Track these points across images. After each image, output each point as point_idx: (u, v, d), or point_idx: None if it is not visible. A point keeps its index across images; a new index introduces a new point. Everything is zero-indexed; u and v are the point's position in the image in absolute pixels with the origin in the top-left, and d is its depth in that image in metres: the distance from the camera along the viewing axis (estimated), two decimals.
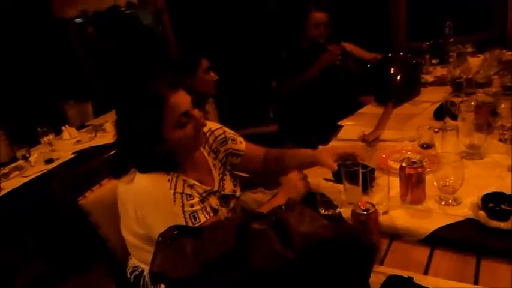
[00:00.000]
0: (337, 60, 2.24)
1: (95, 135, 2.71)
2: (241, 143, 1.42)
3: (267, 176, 1.56)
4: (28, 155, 2.40)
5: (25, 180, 2.18)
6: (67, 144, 2.65)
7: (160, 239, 0.75)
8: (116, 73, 3.98)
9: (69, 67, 3.90)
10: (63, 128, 2.81)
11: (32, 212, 2.18)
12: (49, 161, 2.35)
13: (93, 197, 1.32)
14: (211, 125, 1.38)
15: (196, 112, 1.13)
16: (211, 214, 1.12)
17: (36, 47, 3.60)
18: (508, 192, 1.03)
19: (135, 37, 4.16)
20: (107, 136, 2.66)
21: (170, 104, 1.05)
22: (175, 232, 0.75)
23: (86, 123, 3.17)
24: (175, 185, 1.08)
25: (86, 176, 1.47)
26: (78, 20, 4.04)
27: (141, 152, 1.09)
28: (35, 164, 2.35)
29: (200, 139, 1.19)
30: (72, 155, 2.43)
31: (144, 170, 1.08)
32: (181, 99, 1.09)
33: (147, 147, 1.07)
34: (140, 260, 1.20)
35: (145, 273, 1.18)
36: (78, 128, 2.94)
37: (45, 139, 2.55)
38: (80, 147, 2.55)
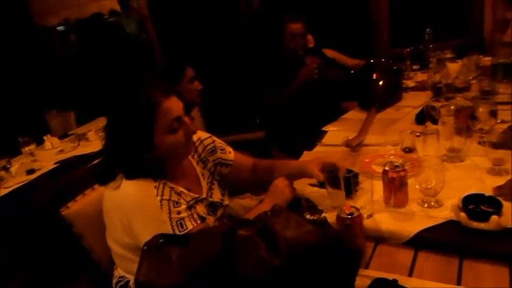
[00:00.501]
0: (315, 75, 2.21)
1: (78, 145, 2.68)
2: (230, 152, 1.42)
3: (255, 186, 1.56)
4: (9, 166, 2.35)
5: (6, 191, 2.14)
6: (49, 154, 2.60)
7: (145, 247, 0.75)
8: (100, 81, 3.95)
9: (52, 76, 3.84)
10: (45, 137, 2.76)
11: (14, 224, 2.12)
12: (30, 171, 2.31)
13: (76, 207, 1.30)
14: (201, 134, 1.38)
15: (187, 119, 1.14)
16: (198, 222, 1.11)
17: (18, 55, 3.55)
18: (488, 194, 1.06)
19: (118, 45, 4.13)
20: (91, 145, 2.62)
21: (163, 108, 1.06)
22: (161, 240, 0.75)
23: (69, 133, 3.12)
24: (162, 191, 1.07)
25: (69, 186, 1.45)
26: (60, 27, 4.00)
27: (130, 157, 1.08)
28: (16, 174, 2.30)
29: (190, 146, 1.19)
30: (55, 165, 2.39)
31: (131, 176, 1.08)
32: (174, 105, 1.09)
33: (137, 152, 1.07)
34: (126, 270, 1.19)
35: (131, 283, 1.16)
36: (61, 138, 2.89)
37: (26, 149, 2.50)
38: (62, 156, 2.51)
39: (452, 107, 1.57)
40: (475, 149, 1.39)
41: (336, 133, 1.90)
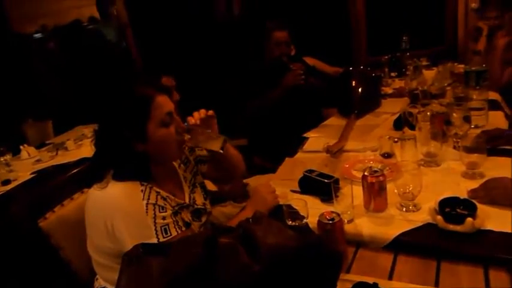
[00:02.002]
0: (301, 80, 2.24)
1: (56, 154, 2.61)
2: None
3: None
4: None
5: None
6: (26, 164, 2.53)
7: (125, 258, 0.74)
8: (79, 89, 3.88)
9: (28, 84, 3.75)
10: (21, 147, 2.69)
11: None
12: (6, 182, 2.23)
13: (54, 217, 1.27)
14: None
15: (178, 118, 1.17)
16: (183, 228, 1.11)
17: None
18: (463, 197, 1.09)
19: (98, 52, 4.07)
20: (69, 155, 2.56)
21: (157, 102, 1.10)
22: (141, 250, 0.74)
23: (47, 142, 3.04)
24: (149, 195, 1.07)
25: (46, 196, 1.41)
26: (38, 35, 3.92)
27: (121, 150, 1.08)
28: None
29: (181, 150, 1.22)
30: (32, 175, 2.32)
31: (119, 175, 1.07)
32: (166, 101, 1.14)
33: (129, 144, 1.08)
34: (107, 280, 1.16)
35: None
36: (38, 147, 2.81)
37: (1, 159, 2.42)
38: (39, 166, 2.44)
39: (428, 113, 1.61)
40: (451, 154, 1.43)
41: (316, 139, 1.92)
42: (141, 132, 1.09)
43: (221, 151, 1.21)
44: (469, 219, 0.99)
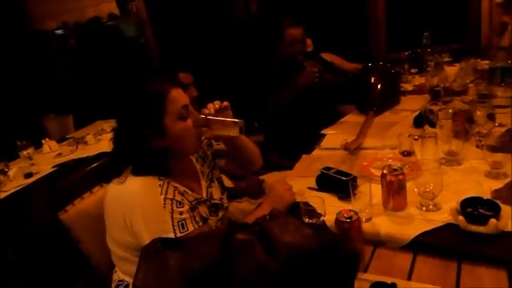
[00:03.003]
0: (316, 79, 2.22)
1: (77, 148, 2.67)
2: None
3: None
4: (7, 170, 2.34)
5: (4, 195, 2.12)
6: (47, 157, 2.59)
7: (143, 252, 0.74)
8: (98, 84, 3.95)
9: (50, 79, 3.84)
10: (43, 141, 2.75)
11: (12, 228, 2.11)
12: (28, 175, 2.30)
13: (74, 211, 1.30)
14: None
15: (195, 111, 1.17)
16: (200, 223, 1.12)
17: (16, 59, 3.54)
18: (486, 197, 1.06)
19: (117, 49, 4.13)
20: (89, 149, 2.62)
21: (171, 96, 1.11)
22: (159, 245, 0.75)
23: (67, 136, 3.11)
24: (166, 190, 1.08)
25: (67, 189, 1.44)
26: (59, 31, 4.00)
27: (140, 148, 1.09)
28: (14, 178, 2.29)
29: (199, 143, 1.22)
30: (53, 169, 2.38)
31: (138, 170, 1.08)
32: (181, 95, 1.15)
33: (148, 140, 1.09)
34: (125, 272, 1.18)
35: (131, 287, 1.16)
36: (59, 141, 2.88)
37: (24, 153, 2.49)
38: (60, 160, 2.50)
39: (450, 111, 1.58)
40: (473, 153, 1.40)
41: (334, 136, 1.90)
42: (159, 128, 1.09)
43: (239, 135, 1.22)
44: (493, 220, 0.96)
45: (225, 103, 1.29)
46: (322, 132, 2.01)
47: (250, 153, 1.43)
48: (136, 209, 1.05)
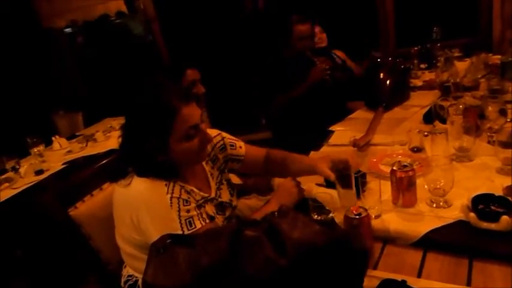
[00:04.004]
0: (326, 75, 2.20)
1: (86, 145, 2.69)
2: (241, 147, 1.42)
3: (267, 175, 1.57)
4: (18, 167, 2.37)
5: (15, 192, 2.15)
6: (57, 154, 2.62)
7: (153, 248, 0.75)
8: (107, 82, 3.97)
9: (59, 77, 3.87)
10: (53, 138, 2.78)
11: (22, 225, 2.14)
12: (39, 172, 2.32)
13: (84, 207, 1.31)
14: (209, 132, 1.38)
15: (204, 126, 1.14)
16: (207, 221, 1.12)
17: (25, 57, 3.58)
18: (498, 194, 1.05)
19: (125, 46, 4.15)
20: (98, 146, 2.64)
21: (182, 115, 1.06)
22: (168, 241, 0.75)
23: (77, 133, 3.14)
24: (173, 189, 1.07)
25: (77, 186, 1.45)
26: (67, 30, 4.03)
27: (143, 158, 1.09)
28: (25, 175, 2.32)
29: (204, 154, 1.20)
30: (63, 166, 2.40)
31: (142, 174, 1.08)
32: (193, 112, 1.10)
33: (151, 154, 1.08)
34: (134, 269, 1.19)
35: (140, 282, 1.17)
36: (69, 139, 2.91)
37: (35, 150, 2.52)
38: (70, 157, 2.52)
39: (460, 106, 1.56)
40: (485, 149, 1.38)
41: (342, 133, 1.89)
42: (162, 146, 1.08)
43: None
44: (505, 217, 0.95)
45: None
46: (331, 128, 2.00)
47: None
48: (142, 208, 1.06)
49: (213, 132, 1.39)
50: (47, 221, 1.84)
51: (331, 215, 1.09)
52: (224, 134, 1.41)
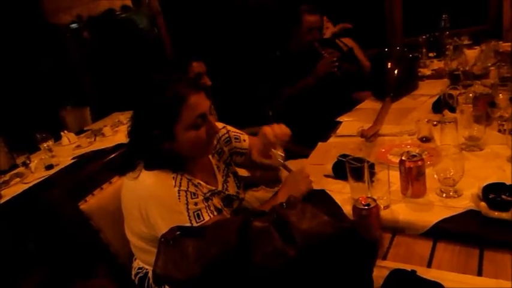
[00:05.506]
0: (334, 68, 2.18)
1: (94, 140, 2.72)
2: (244, 141, 1.42)
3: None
4: (28, 162, 2.40)
5: (26, 186, 2.18)
6: (67, 149, 2.65)
7: (162, 240, 0.75)
8: (113, 76, 3.99)
9: (66, 72, 3.89)
10: (62, 133, 2.81)
11: (33, 219, 2.17)
12: (49, 167, 2.35)
13: (94, 201, 1.32)
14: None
15: (212, 118, 1.14)
16: (215, 213, 1.12)
17: (32, 53, 3.60)
18: (509, 183, 1.03)
19: (131, 40, 4.15)
20: (107, 140, 2.66)
21: (190, 103, 1.07)
22: (177, 233, 0.75)
23: (85, 128, 3.16)
24: (180, 182, 1.08)
25: (86, 180, 1.46)
26: (73, 25, 4.04)
27: (150, 147, 1.09)
28: (36, 170, 2.35)
29: (211, 146, 1.20)
30: (72, 160, 2.43)
31: (150, 166, 1.09)
32: (201, 101, 1.10)
33: (157, 142, 1.08)
34: (144, 261, 1.20)
35: (150, 274, 1.18)
36: (77, 133, 2.94)
37: (44, 145, 2.55)
38: (79, 152, 2.55)
39: (470, 95, 1.53)
40: (495, 137, 1.36)
41: (350, 123, 1.88)
42: (168, 133, 1.08)
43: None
44: None
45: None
46: (338, 119, 1.98)
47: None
48: (151, 201, 1.06)
49: (218, 125, 1.39)
50: (58, 214, 1.86)
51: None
52: (229, 127, 1.41)
